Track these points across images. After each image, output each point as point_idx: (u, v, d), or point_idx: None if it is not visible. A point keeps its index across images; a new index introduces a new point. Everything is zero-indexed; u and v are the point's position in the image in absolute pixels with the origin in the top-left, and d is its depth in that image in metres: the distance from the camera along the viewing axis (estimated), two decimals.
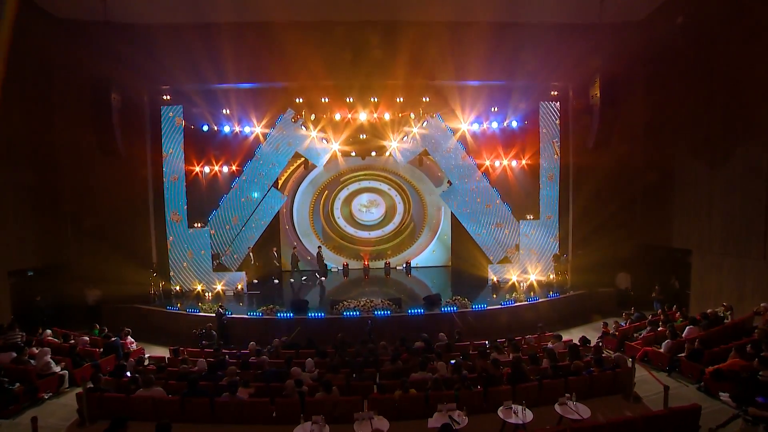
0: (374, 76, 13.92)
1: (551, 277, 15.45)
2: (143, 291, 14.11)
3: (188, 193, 15.26)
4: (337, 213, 18.83)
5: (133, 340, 11.25)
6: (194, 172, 16.20)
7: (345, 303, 12.71)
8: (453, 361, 8.21)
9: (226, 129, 15.71)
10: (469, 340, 10.71)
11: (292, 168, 18.33)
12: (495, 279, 15.41)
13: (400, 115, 15.07)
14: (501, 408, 6.26)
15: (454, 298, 13.03)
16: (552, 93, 15.12)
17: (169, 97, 14.67)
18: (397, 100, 14.81)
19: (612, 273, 15.01)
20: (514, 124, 15.92)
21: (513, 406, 6.26)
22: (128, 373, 8.20)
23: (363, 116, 15.04)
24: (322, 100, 14.71)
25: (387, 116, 15.13)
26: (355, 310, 12.41)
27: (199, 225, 15.29)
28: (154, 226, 14.82)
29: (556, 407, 6.33)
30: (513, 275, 15.43)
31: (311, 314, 12.33)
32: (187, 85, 14.17)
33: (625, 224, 14.95)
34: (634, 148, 14.52)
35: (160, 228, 14.92)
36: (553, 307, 13.84)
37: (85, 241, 13.91)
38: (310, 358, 8.51)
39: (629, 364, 7.58)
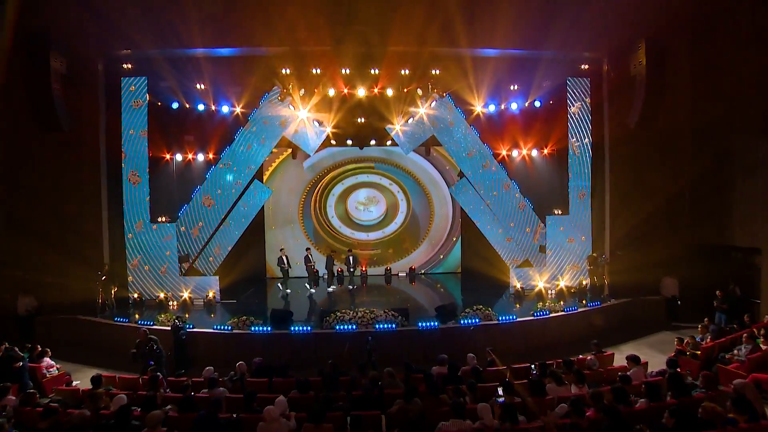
0: (374, 41, 11.14)
1: (584, 282, 12.48)
2: (91, 299, 10.97)
3: (153, 183, 12.25)
4: (331, 211, 15.87)
5: (52, 362, 8.09)
6: (163, 159, 13.25)
7: (338, 314, 9.65)
8: (501, 400, 5.20)
9: (200, 107, 12.80)
10: (504, 362, 7.69)
11: (279, 159, 15.45)
12: (519, 286, 12.41)
13: (405, 90, 12.25)
14: None
15: (475, 307, 10.01)
16: (582, 67, 12.41)
17: (130, 66, 11.77)
18: (402, 72, 12.01)
19: (656, 277, 12.10)
20: (537, 104, 13.15)
21: None
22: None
23: (362, 92, 12.19)
24: (313, 71, 11.88)
25: (390, 92, 12.29)
26: (350, 323, 9.36)
27: (164, 219, 12.23)
28: (108, 219, 11.75)
29: None
30: (540, 281, 12.43)
31: (294, 328, 9.25)
32: (153, 51, 11.28)
33: (673, 219, 12.07)
34: (682, 126, 11.75)
35: (116, 222, 11.84)
36: (593, 319, 10.85)
37: (17, 236, 10.74)
38: (281, 396, 5.43)
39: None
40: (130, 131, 11.57)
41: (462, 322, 9.56)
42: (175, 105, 12.59)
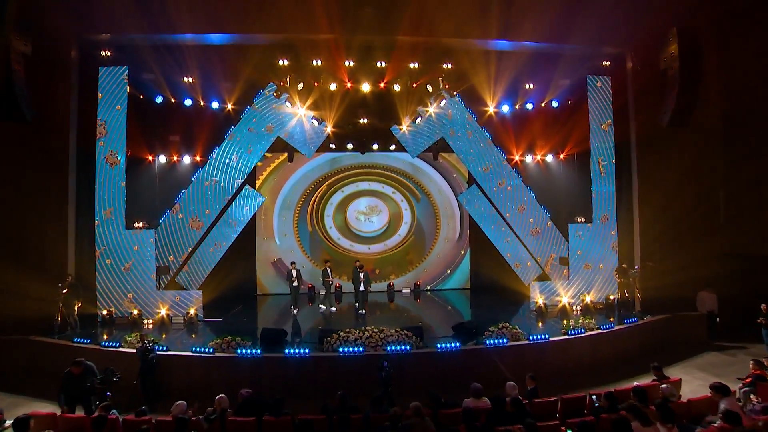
0: (382, 30, 9.92)
1: (611, 297, 11.04)
2: (49, 315, 9.16)
3: (132, 186, 10.71)
4: (329, 222, 14.32)
5: None
6: (145, 160, 11.71)
7: (341, 334, 7.99)
8: None
9: (188, 103, 11.37)
10: (546, 390, 6.13)
11: (273, 164, 13.99)
12: (541, 301, 10.89)
13: (414, 85, 10.97)
14: None
15: (500, 325, 8.44)
16: (603, 63, 11.32)
17: (109, 54, 10.33)
18: (411, 65, 10.77)
19: (691, 290, 10.75)
20: (555, 104, 12.00)
21: None
22: None
23: (366, 87, 10.90)
24: (313, 62, 10.58)
25: (397, 88, 11.01)
26: (357, 345, 7.71)
27: (141, 225, 10.56)
28: (75, 224, 10.06)
29: None
30: (564, 296, 10.94)
31: (289, 351, 7.55)
32: (135, 35, 9.92)
33: (708, 226, 10.78)
34: (717, 123, 10.61)
35: (84, 227, 10.16)
36: (628, 338, 9.35)
37: None
38: None
39: None
40: (117, 107, 10.03)
41: (488, 342, 7.98)
42: (159, 99, 11.13)
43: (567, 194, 12.44)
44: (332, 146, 13.27)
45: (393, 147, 13.54)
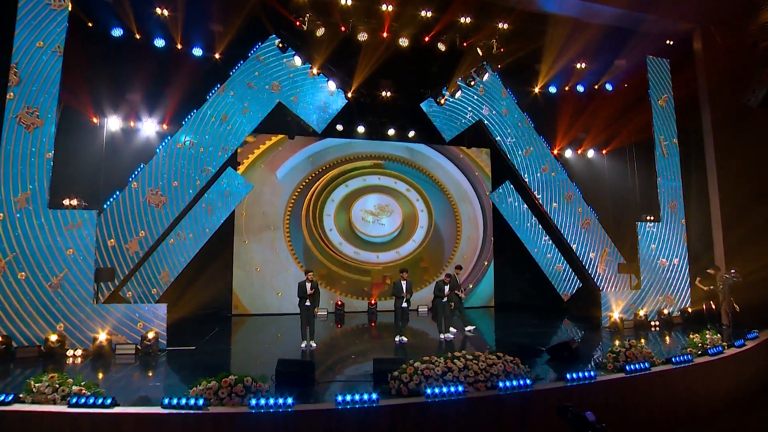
0: None
1: (689, 310, 8.89)
2: None
3: (65, 154, 7.04)
4: (329, 222, 11.12)
5: None
6: (90, 121, 8.00)
7: (418, 365, 4.74)
8: None
9: (160, 43, 7.96)
10: None
11: (264, 146, 10.71)
12: (617, 316, 8.40)
13: (464, 44, 8.47)
14: None
15: (627, 344, 5.68)
16: (666, 42, 9.67)
17: None
18: (462, 20, 8.29)
19: None
20: (609, 87, 10.13)
21: None
22: None
23: (404, 41, 8.23)
24: (342, 1, 7.76)
25: (441, 47, 8.45)
26: (449, 382, 4.56)
27: (75, 202, 6.74)
28: None
29: None
30: (641, 310, 8.57)
31: (342, 398, 4.21)
32: None
33: None
34: None
35: None
36: (757, 360, 7.03)
37: None
38: None
39: None
40: (38, 43, 6.40)
41: (628, 368, 5.18)
42: (117, 32, 7.62)
43: (622, 191, 10.45)
44: (339, 127, 10.39)
45: (412, 133, 11.03)
